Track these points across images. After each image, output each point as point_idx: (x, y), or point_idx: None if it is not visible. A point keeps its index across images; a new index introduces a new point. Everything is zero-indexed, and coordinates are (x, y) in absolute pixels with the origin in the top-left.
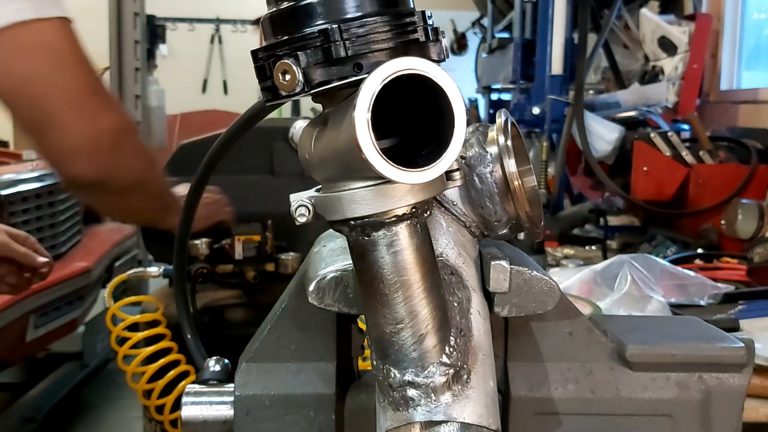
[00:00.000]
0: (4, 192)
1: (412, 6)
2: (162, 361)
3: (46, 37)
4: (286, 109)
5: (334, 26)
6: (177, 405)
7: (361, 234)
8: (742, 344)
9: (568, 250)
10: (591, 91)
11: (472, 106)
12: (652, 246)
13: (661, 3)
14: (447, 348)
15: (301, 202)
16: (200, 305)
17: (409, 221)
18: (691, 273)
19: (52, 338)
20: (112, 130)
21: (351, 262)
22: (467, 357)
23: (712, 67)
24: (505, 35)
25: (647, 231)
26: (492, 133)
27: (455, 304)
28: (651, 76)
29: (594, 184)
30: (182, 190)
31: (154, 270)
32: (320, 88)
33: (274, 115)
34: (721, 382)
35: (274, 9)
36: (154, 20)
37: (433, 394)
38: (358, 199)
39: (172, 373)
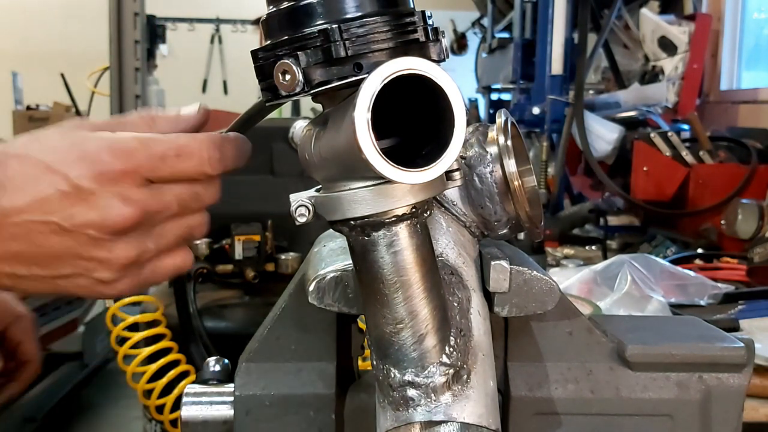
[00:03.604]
0: None
1: (412, 6)
2: (162, 361)
3: None
4: (286, 109)
5: (334, 26)
6: (177, 405)
7: (361, 234)
8: (742, 344)
9: (568, 250)
10: (591, 91)
11: (472, 106)
12: (652, 246)
13: (661, 3)
14: (447, 348)
15: (301, 202)
16: (200, 305)
17: (409, 221)
18: (691, 273)
19: (52, 338)
20: None
21: (351, 262)
22: (467, 357)
23: (712, 67)
24: (505, 35)
25: (647, 231)
26: (492, 133)
27: (455, 304)
28: (651, 76)
29: (594, 184)
30: None
31: None
32: (320, 88)
33: (274, 115)
34: (721, 382)
35: (274, 9)
36: (154, 20)
37: (433, 394)
38: (358, 199)
39: (172, 373)
